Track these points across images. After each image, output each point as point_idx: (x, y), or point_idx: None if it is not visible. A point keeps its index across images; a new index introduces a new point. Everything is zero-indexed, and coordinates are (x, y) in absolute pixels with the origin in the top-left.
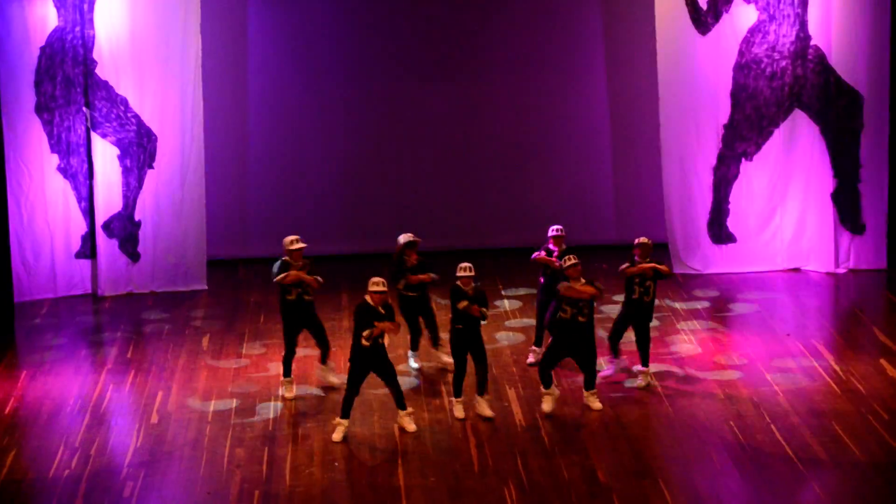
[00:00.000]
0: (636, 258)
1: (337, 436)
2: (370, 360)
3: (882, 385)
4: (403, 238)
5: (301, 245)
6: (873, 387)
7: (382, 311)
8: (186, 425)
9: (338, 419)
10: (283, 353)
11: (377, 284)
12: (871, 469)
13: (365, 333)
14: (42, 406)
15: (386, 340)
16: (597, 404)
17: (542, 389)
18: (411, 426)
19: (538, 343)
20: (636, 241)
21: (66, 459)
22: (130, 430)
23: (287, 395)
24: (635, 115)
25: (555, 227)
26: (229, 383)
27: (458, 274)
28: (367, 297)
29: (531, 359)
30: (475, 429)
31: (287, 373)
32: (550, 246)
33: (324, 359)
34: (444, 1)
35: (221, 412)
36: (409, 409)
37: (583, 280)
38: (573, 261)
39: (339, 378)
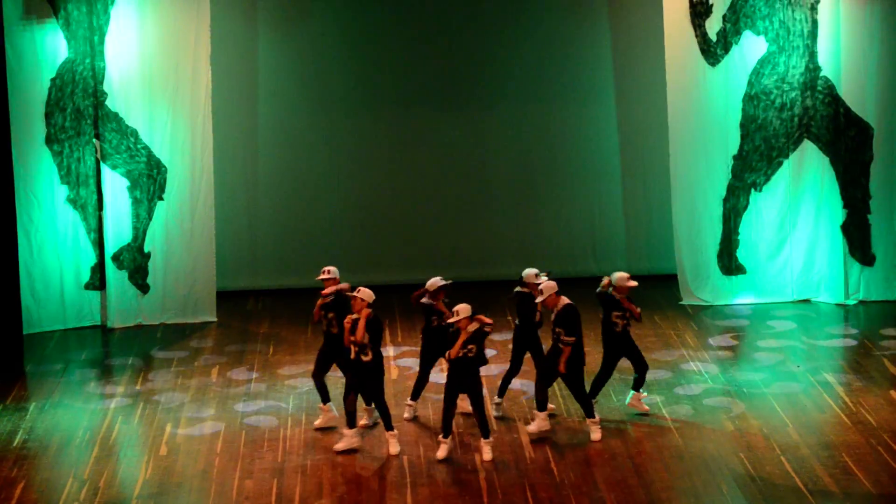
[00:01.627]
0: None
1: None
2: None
3: (892, 416)
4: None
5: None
6: (883, 418)
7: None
8: (195, 457)
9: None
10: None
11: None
12: (882, 501)
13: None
14: (51, 438)
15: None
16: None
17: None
18: (487, 455)
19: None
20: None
21: (75, 491)
22: (139, 462)
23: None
24: (645, 145)
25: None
26: (238, 415)
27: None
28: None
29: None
30: (484, 461)
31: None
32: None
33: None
34: (454, 31)
35: (230, 444)
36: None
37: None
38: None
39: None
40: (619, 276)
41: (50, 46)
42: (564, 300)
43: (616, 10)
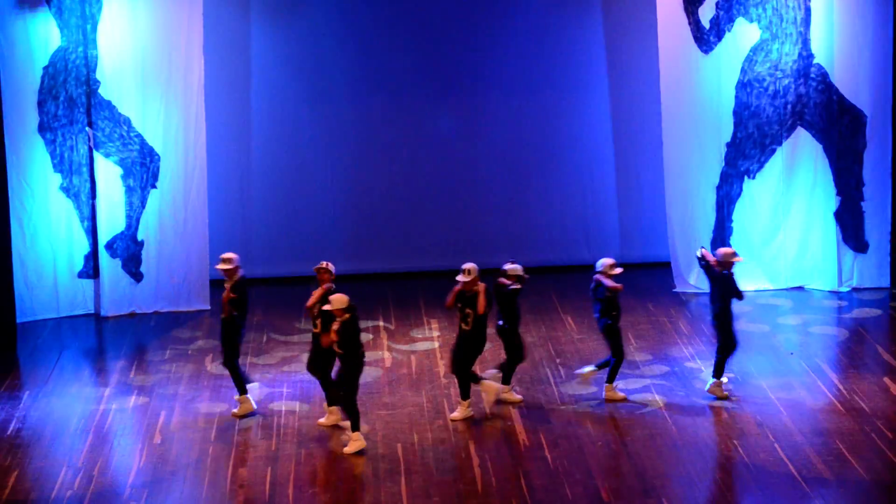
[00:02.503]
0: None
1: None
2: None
3: (886, 403)
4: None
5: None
6: (877, 405)
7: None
8: (189, 445)
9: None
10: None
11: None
12: (875, 487)
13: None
14: (45, 426)
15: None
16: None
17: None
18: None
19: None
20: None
21: (69, 480)
22: (133, 451)
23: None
24: (638, 133)
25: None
26: (232, 404)
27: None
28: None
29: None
30: (479, 448)
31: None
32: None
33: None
34: (448, 21)
35: (224, 432)
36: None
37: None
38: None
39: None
40: (604, 262)
41: (42, 35)
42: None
43: None
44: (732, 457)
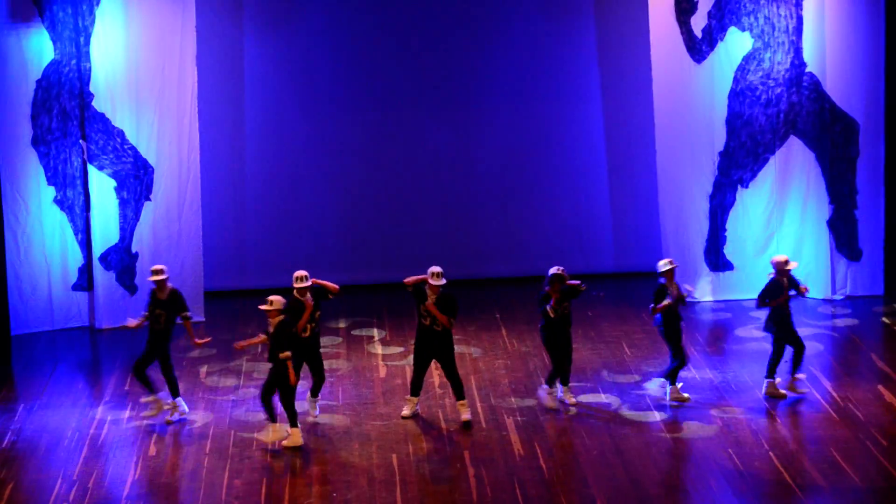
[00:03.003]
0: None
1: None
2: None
3: (880, 411)
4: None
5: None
6: (871, 413)
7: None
8: (184, 457)
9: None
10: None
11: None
12: (870, 495)
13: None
14: (40, 438)
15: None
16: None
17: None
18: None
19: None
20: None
21: (64, 492)
22: (128, 462)
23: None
24: (632, 143)
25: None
26: (227, 415)
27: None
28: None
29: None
30: (474, 458)
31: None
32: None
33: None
34: (442, 31)
35: (219, 443)
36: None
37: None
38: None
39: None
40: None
41: (35, 48)
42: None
43: (601, 8)
44: (727, 465)
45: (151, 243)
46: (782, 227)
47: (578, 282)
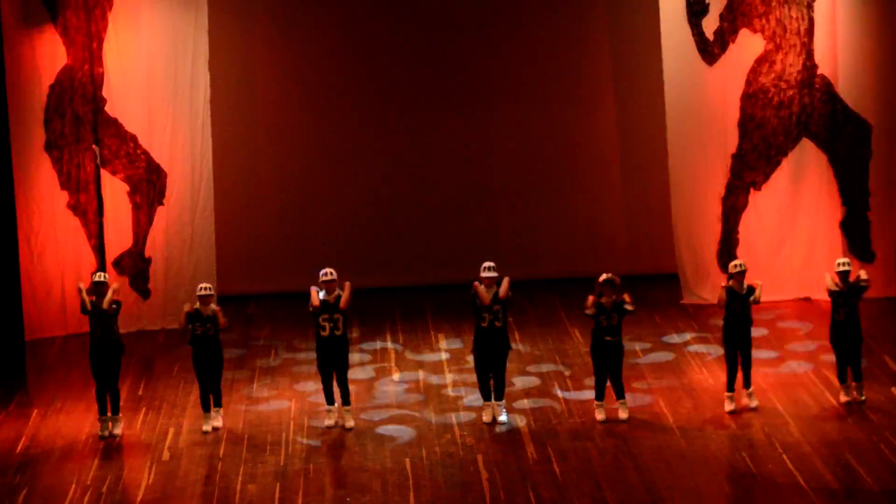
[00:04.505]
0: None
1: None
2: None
3: (894, 413)
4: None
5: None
6: (885, 415)
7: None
8: (198, 462)
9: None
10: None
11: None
12: (884, 498)
13: None
14: (54, 444)
15: None
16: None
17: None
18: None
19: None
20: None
21: (78, 497)
22: (142, 468)
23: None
24: (644, 145)
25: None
26: (240, 419)
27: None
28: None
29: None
30: (487, 462)
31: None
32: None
33: None
34: (453, 33)
35: (233, 448)
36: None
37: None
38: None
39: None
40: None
41: (48, 53)
42: None
43: (613, 10)
44: (740, 468)
45: (164, 248)
46: (795, 229)
47: (630, 305)
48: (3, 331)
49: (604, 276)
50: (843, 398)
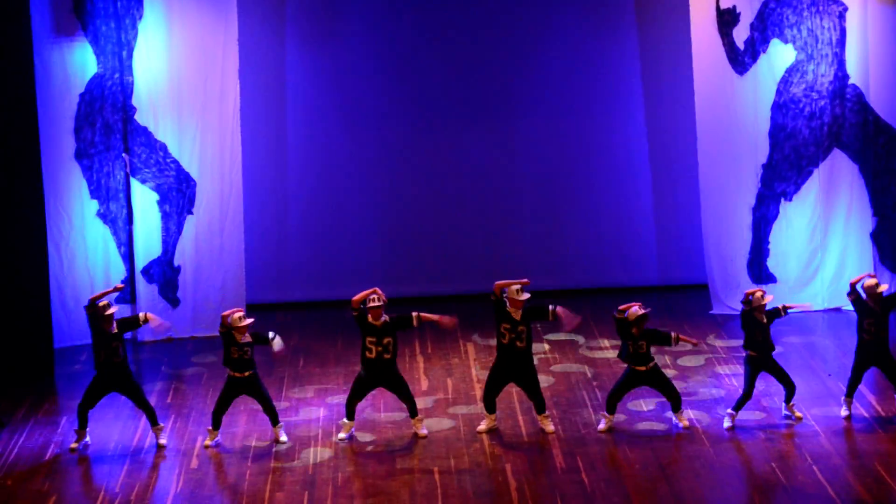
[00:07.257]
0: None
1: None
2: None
3: None
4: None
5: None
6: None
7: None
8: (226, 470)
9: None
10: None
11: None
12: None
13: None
14: (83, 451)
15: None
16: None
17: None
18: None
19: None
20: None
21: None
22: (171, 475)
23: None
24: (674, 155)
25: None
26: (269, 427)
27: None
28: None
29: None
30: (515, 471)
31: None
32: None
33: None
34: (484, 46)
35: (261, 456)
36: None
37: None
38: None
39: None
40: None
41: (79, 62)
42: None
43: (643, 19)
44: (770, 479)
45: (194, 257)
46: (826, 240)
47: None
48: (32, 338)
49: (638, 312)
50: (844, 412)
